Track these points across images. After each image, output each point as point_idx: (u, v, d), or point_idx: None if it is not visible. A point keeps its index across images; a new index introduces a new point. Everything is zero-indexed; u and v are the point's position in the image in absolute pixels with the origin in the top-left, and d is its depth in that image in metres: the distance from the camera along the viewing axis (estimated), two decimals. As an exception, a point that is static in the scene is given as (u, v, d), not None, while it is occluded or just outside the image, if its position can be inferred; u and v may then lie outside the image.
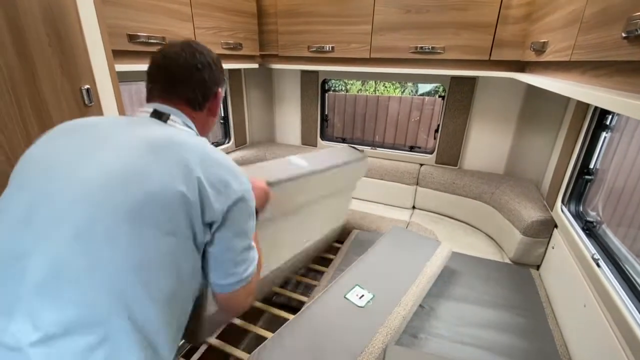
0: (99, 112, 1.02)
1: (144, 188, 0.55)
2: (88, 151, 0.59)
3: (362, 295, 1.23)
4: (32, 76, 0.83)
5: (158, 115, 0.68)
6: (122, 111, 1.09)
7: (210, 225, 0.63)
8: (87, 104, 0.97)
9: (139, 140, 0.60)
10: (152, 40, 1.33)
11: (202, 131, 0.78)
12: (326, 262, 1.76)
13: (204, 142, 0.66)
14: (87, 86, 0.96)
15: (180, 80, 0.72)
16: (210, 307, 0.94)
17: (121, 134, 0.62)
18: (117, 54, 1.13)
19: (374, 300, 1.21)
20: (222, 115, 2.37)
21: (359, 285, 1.28)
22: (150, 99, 0.73)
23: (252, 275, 0.72)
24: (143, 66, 1.33)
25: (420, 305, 1.32)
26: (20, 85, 0.81)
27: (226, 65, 1.87)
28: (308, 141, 2.59)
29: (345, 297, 1.22)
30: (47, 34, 0.85)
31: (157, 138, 0.61)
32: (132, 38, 1.26)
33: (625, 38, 0.63)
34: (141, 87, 2.40)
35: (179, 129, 0.69)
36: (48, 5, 0.84)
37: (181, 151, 0.60)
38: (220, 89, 0.80)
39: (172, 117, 0.69)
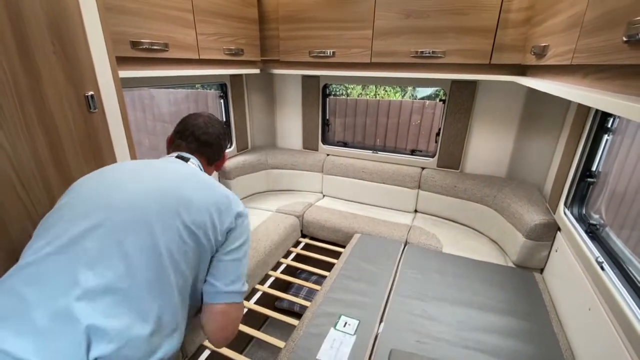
0: (103, 119, 1.02)
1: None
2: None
3: (349, 324, 1.26)
4: (36, 83, 0.84)
5: (182, 158, 0.93)
6: (125, 117, 1.09)
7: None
8: (91, 111, 0.98)
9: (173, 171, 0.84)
10: (155, 47, 1.34)
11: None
12: (328, 267, 1.76)
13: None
14: (91, 93, 0.97)
15: (210, 144, 0.99)
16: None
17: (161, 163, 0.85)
18: (120, 61, 1.13)
19: (361, 325, 1.25)
20: (224, 120, 2.38)
21: (343, 315, 1.30)
22: (175, 150, 0.97)
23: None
24: (146, 72, 1.36)
25: (423, 309, 1.31)
26: (24, 92, 0.81)
27: (227, 71, 1.89)
28: (309, 145, 2.59)
29: (335, 329, 1.24)
30: (51, 41, 0.85)
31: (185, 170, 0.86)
32: (135, 45, 1.27)
33: (626, 42, 0.63)
34: (143, 93, 2.41)
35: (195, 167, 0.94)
36: (52, 12, 0.85)
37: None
38: (226, 153, 1.09)
39: (191, 160, 0.94)
